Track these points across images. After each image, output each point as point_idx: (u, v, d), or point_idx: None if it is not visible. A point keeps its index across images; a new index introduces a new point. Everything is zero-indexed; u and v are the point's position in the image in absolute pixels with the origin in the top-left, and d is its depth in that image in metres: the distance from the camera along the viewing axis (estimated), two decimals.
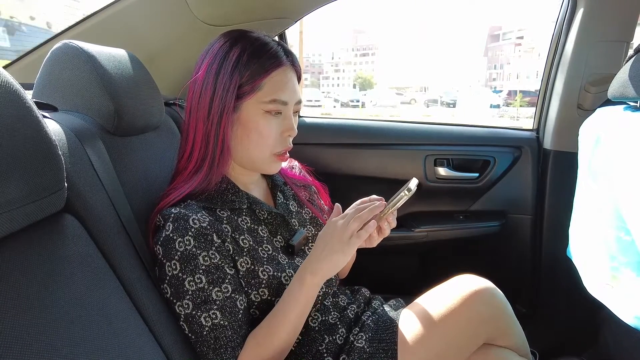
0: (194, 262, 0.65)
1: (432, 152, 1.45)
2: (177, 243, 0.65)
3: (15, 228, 0.45)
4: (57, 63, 0.70)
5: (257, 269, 0.72)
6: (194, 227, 0.66)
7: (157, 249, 0.67)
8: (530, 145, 1.43)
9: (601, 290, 0.89)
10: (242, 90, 0.72)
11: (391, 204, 0.69)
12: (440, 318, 0.74)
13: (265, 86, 0.73)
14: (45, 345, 0.43)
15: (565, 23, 1.31)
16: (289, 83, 0.75)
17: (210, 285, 0.66)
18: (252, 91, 0.72)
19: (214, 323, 0.65)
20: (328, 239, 0.66)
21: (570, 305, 1.34)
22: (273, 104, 0.73)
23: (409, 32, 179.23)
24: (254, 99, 0.73)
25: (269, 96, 0.73)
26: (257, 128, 0.74)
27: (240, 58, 0.72)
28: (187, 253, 0.65)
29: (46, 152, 0.47)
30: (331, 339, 0.77)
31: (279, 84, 0.74)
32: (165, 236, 0.66)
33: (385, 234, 0.77)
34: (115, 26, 1.01)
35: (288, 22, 1.25)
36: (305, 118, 1.53)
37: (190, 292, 0.65)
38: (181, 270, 0.65)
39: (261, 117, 0.73)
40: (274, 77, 0.73)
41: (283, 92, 0.74)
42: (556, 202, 1.37)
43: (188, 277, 0.65)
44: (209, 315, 0.65)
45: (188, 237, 0.66)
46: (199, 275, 0.65)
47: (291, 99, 0.75)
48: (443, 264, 1.52)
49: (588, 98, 1.27)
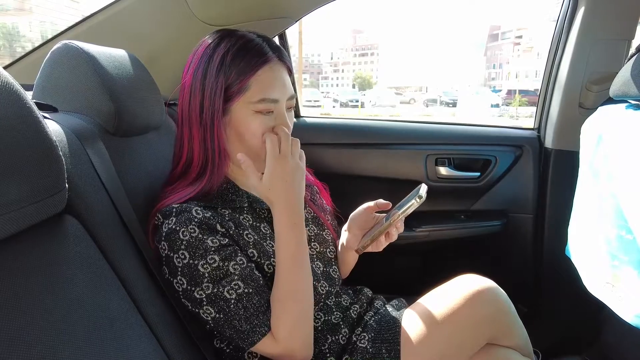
0: (203, 246, 0.65)
1: (434, 151, 1.44)
2: (181, 233, 0.65)
3: (16, 229, 0.45)
4: (57, 64, 0.70)
5: (262, 262, 0.72)
6: (197, 217, 0.66)
7: (162, 245, 0.66)
8: (532, 144, 1.43)
9: (602, 289, 0.89)
10: (229, 92, 0.70)
11: (401, 211, 0.69)
12: (443, 318, 0.74)
13: (252, 86, 0.70)
14: (47, 348, 0.43)
15: (566, 21, 1.30)
16: (277, 79, 0.72)
17: (225, 262, 0.66)
18: (240, 92, 0.70)
19: (238, 293, 0.65)
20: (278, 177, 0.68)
21: (572, 305, 1.34)
22: (262, 103, 0.70)
23: (408, 31, 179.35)
24: (243, 100, 0.70)
25: (257, 96, 0.70)
26: (249, 129, 0.71)
27: (224, 59, 0.69)
28: (193, 240, 0.65)
29: (47, 153, 0.47)
30: (334, 339, 0.77)
31: (267, 82, 0.71)
32: (168, 229, 0.65)
33: (393, 239, 0.77)
34: (115, 26, 1.00)
35: (289, 21, 1.24)
36: (305, 118, 1.53)
37: (207, 274, 0.64)
38: (191, 257, 0.64)
39: (252, 118, 0.71)
40: (261, 75, 0.70)
41: (272, 89, 0.71)
42: (557, 201, 1.36)
43: (201, 261, 0.64)
44: (232, 287, 0.65)
45: (192, 226, 0.65)
46: (211, 255, 0.65)
47: (282, 95, 0.73)
48: (445, 263, 1.52)
49: (590, 97, 1.27)
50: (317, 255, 0.83)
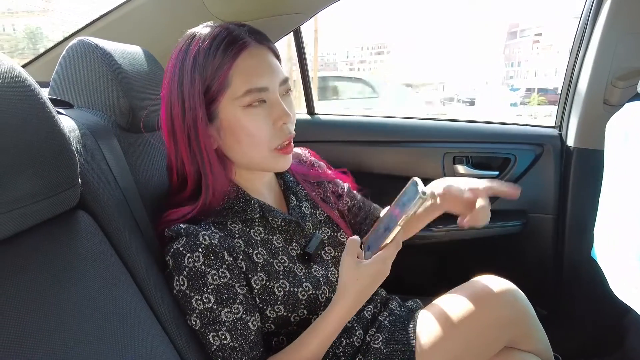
0: (202, 281, 0.61)
1: (451, 149, 1.42)
2: (186, 258, 0.61)
3: (30, 224, 0.45)
4: (72, 60, 0.70)
5: (272, 285, 0.68)
6: (203, 244, 0.62)
7: (168, 260, 0.63)
8: (553, 143, 1.39)
9: (629, 293, 0.85)
10: (211, 93, 0.63)
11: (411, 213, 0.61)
12: (460, 320, 0.72)
13: (234, 78, 0.62)
14: (58, 342, 0.42)
15: (591, 15, 1.26)
16: (261, 64, 0.64)
17: (219, 306, 0.62)
18: (222, 89, 0.62)
19: (222, 343, 0.62)
20: (374, 278, 0.64)
21: (594, 308, 1.30)
22: (249, 95, 0.63)
23: (424, 29, 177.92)
24: (227, 98, 0.63)
25: (241, 88, 0.62)
26: (243, 129, 0.64)
27: (196, 59, 0.62)
28: (195, 270, 0.61)
29: (60, 148, 0.47)
30: (348, 342, 0.75)
31: (249, 70, 0.63)
32: (175, 249, 0.63)
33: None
34: (130, 23, 1.02)
35: (303, 17, 1.24)
36: (320, 115, 1.52)
37: (198, 311, 0.62)
38: (189, 287, 0.61)
39: (243, 114, 0.63)
40: (241, 64, 0.63)
41: (257, 77, 0.63)
42: (580, 202, 1.32)
43: (195, 296, 0.61)
44: (218, 336, 0.62)
45: (197, 253, 0.61)
46: (207, 294, 0.61)
47: (270, 81, 0.64)
48: (462, 264, 1.49)
49: (615, 93, 1.22)
50: (331, 260, 0.79)
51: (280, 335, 0.72)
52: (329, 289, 0.74)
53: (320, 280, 0.73)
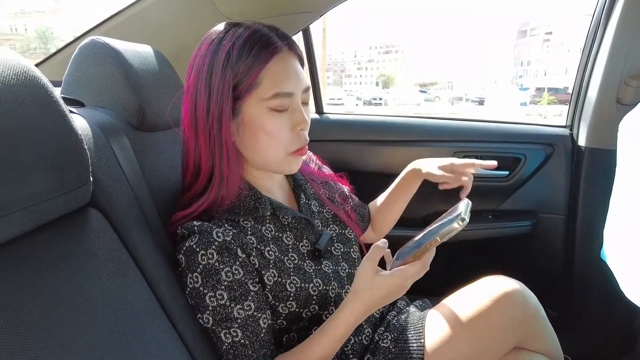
0: (216, 277, 0.62)
1: (460, 149, 1.41)
2: (199, 256, 0.62)
3: (42, 221, 0.45)
4: (84, 59, 0.71)
5: (284, 281, 0.68)
6: (217, 241, 0.63)
7: (180, 258, 0.64)
8: (564, 143, 1.37)
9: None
10: (239, 90, 0.64)
11: (440, 236, 0.57)
12: (469, 320, 0.71)
13: (264, 80, 0.64)
14: (69, 340, 0.43)
15: (604, 13, 1.24)
16: (290, 70, 0.66)
17: (232, 302, 0.62)
18: (250, 89, 0.64)
19: (233, 341, 0.63)
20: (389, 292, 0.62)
21: (605, 310, 1.28)
22: (277, 98, 0.65)
23: (433, 28, 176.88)
24: (255, 97, 0.64)
25: (270, 90, 0.64)
26: (264, 129, 0.66)
27: (229, 54, 0.63)
28: (209, 267, 0.62)
29: (72, 146, 0.47)
30: (357, 340, 0.76)
31: (280, 74, 0.65)
32: (188, 246, 0.63)
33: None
34: (140, 23, 1.02)
35: (312, 16, 1.24)
36: (328, 115, 1.52)
37: (211, 308, 0.62)
38: (203, 284, 0.62)
39: (267, 116, 0.65)
40: (272, 67, 0.64)
41: (286, 82, 0.65)
42: (591, 202, 1.31)
43: (209, 292, 0.62)
44: (230, 333, 0.62)
45: (211, 250, 0.62)
46: (220, 291, 0.62)
47: (296, 87, 0.67)
48: (471, 264, 1.48)
49: (629, 92, 1.20)
50: (342, 256, 0.80)
51: (291, 332, 0.73)
52: (339, 284, 0.74)
53: (330, 276, 0.74)
